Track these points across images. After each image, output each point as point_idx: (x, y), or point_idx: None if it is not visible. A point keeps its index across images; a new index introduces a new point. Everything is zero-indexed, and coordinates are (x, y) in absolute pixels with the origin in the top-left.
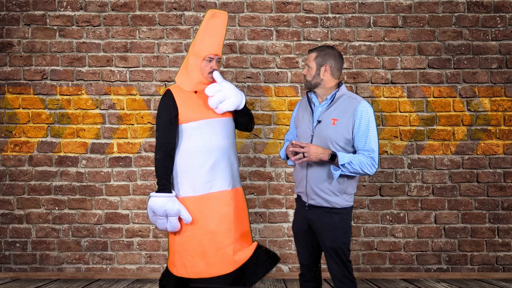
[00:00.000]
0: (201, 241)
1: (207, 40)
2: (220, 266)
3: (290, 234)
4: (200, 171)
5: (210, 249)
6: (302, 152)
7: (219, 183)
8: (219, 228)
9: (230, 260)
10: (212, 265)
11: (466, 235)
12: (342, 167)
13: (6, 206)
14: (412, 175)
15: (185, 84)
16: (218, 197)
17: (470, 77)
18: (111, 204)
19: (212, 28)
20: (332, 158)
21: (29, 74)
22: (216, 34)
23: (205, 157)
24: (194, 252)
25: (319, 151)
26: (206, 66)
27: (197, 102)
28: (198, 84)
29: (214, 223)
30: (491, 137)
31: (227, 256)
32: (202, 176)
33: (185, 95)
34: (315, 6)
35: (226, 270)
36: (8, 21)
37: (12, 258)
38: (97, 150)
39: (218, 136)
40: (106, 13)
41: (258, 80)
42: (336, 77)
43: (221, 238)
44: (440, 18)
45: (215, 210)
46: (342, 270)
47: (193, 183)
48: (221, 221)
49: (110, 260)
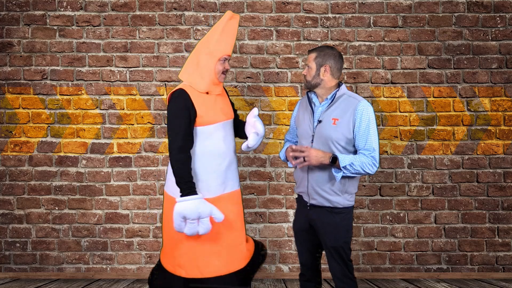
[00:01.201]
0: (216, 241)
1: (225, 40)
2: (236, 263)
3: (290, 234)
4: (216, 173)
5: (226, 247)
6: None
7: (231, 183)
8: (233, 227)
9: (244, 255)
10: (229, 262)
11: (466, 235)
12: (344, 169)
13: (6, 206)
14: (412, 175)
15: (197, 85)
16: (230, 197)
17: (470, 77)
18: (111, 204)
19: (230, 30)
20: (333, 161)
21: (29, 74)
22: (233, 36)
23: (221, 158)
24: (208, 252)
25: (319, 154)
26: (220, 66)
27: (212, 104)
28: (210, 85)
29: (229, 222)
30: (491, 137)
31: (242, 252)
32: (218, 178)
33: (200, 96)
34: (315, 6)
35: (240, 266)
36: (8, 21)
37: (12, 258)
38: (97, 150)
39: (230, 138)
40: (106, 13)
41: (258, 80)
42: (336, 77)
43: (236, 235)
44: (440, 18)
45: (228, 209)
46: (342, 270)
47: (208, 185)
48: (235, 219)
49: (110, 260)
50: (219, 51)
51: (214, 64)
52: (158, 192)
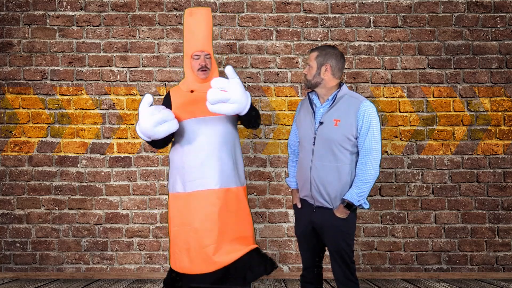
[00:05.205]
0: (186, 238)
1: (189, 38)
2: (200, 265)
3: (290, 234)
4: (189, 169)
5: (193, 246)
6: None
7: (208, 181)
8: (202, 226)
9: (210, 260)
10: (194, 263)
11: (466, 235)
12: (360, 201)
13: (6, 206)
14: (412, 175)
15: (183, 84)
16: (204, 196)
17: (470, 77)
18: (111, 204)
19: (192, 26)
20: (348, 206)
21: (29, 74)
22: (197, 31)
23: (193, 155)
24: (181, 247)
25: (343, 215)
26: (195, 63)
27: (190, 101)
28: (193, 83)
29: (198, 221)
30: (491, 137)
31: (207, 255)
32: (191, 174)
33: (181, 94)
34: (315, 6)
35: (206, 270)
36: (8, 21)
37: (12, 258)
38: (97, 150)
39: (207, 134)
40: (106, 13)
41: (258, 80)
42: (337, 77)
43: (203, 236)
44: (440, 18)
45: (200, 208)
46: (345, 272)
47: (183, 180)
48: (204, 219)
49: (110, 260)
50: (189, 49)
51: (189, 63)
52: (158, 192)
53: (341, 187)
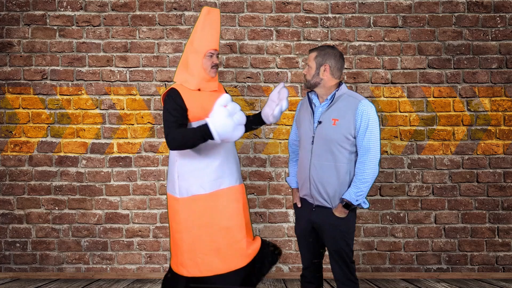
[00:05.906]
0: (214, 237)
1: (206, 36)
2: (235, 261)
3: (290, 234)
4: (209, 169)
5: (224, 244)
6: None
7: (228, 179)
8: (231, 223)
9: (245, 253)
10: (228, 260)
11: (466, 235)
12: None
13: (6, 206)
14: (412, 175)
15: (188, 83)
16: (228, 193)
17: (470, 77)
18: (111, 204)
19: (210, 24)
20: (347, 206)
21: (29, 74)
22: (214, 30)
23: (213, 154)
24: (207, 249)
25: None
26: (208, 61)
27: (203, 100)
28: (201, 82)
29: (226, 219)
30: (491, 137)
31: (242, 249)
32: (211, 174)
33: (190, 93)
34: (315, 6)
35: (241, 264)
36: (8, 21)
37: (12, 258)
38: (97, 150)
39: None
40: (106, 13)
41: (258, 80)
42: (336, 77)
43: (234, 232)
44: (440, 18)
45: (226, 206)
46: (344, 272)
47: (202, 181)
48: (233, 216)
49: (110, 260)
50: (203, 47)
51: (201, 61)
52: (158, 192)
53: (339, 186)
